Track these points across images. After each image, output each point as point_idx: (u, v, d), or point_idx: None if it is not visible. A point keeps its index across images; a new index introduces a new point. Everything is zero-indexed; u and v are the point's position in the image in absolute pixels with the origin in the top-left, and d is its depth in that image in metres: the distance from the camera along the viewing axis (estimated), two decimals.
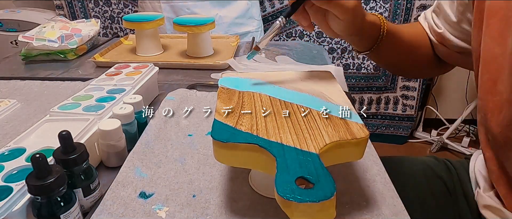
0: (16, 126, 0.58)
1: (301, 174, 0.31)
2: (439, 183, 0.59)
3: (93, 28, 1.03)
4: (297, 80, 0.50)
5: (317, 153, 0.34)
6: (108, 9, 1.60)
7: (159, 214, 0.39)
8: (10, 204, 0.35)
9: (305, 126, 0.38)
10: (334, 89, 0.47)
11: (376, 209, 0.40)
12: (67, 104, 0.55)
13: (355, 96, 1.74)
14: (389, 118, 1.78)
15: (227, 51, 0.97)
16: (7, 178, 0.39)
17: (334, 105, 0.43)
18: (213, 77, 0.81)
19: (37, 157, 0.33)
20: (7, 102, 0.64)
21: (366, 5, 1.54)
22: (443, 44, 0.56)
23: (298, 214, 0.29)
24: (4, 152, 0.43)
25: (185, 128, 0.57)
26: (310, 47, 1.04)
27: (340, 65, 1.66)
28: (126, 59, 0.91)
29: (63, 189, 0.35)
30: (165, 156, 0.49)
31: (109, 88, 0.60)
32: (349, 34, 0.49)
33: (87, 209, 0.41)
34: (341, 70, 0.82)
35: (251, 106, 0.42)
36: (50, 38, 0.90)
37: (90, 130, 0.48)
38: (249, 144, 0.35)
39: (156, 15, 0.93)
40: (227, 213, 0.40)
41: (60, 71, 0.85)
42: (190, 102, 0.65)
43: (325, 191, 0.30)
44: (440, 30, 0.55)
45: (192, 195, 0.42)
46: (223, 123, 0.39)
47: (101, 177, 0.46)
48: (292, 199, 0.29)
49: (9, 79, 0.77)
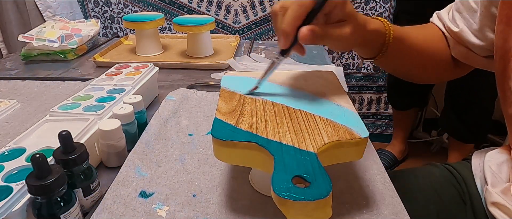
0: (16, 126, 0.58)
1: (298, 173, 0.32)
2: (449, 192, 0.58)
3: (93, 28, 1.03)
4: (300, 80, 0.50)
5: (315, 152, 0.34)
6: (108, 9, 1.60)
7: (159, 213, 0.40)
8: (10, 204, 0.35)
9: (305, 125, 0.39)
10: (336, 90, 0.47)
11: (376, 208, 0.40)
12: (67, 104, 0.55)
13: (355, 96, 1.74)
14: (389, 118, 1.78)
15: (227, 51, 0.97)
16: (7, 178, 0.39)
17: (336, 105, 0.43)
18: (213, 77, 0.81)
19: (37, 157, 0.33)
20: (7, 102, 0.64)
21: (366, 5, 1.54)
22: (461, 43, 0.54)
23: (294, 212, 0.30)
24: (4, 152, 0.43)
25: (185, 127, 0.57)
26: (310, 47, 1.04)
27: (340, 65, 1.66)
28: (126, 59, 0.91)
29: (63, 189, 0.35)
30: (165, 156, 0.50)
31: (109, 88, 0.60)
32: (350, 48, 0.48)
33: (87, 209, 0.41)
34: (341, 70, 0.82)
35: (252, 105, 0.43)
36: (50, 38, 0.90)
37: (90, 130, 0.48)
38: (248, 142, 0.35)
39: (156, 15, 0.93)
40: (227, 212, 0.40)
41: (60, 71, 0.86)
42: (190, 102, 0.65)
43: (321, 190, 0.30)
44: (456, 29, 0.53)
45: (192, 194, 0.43)
46: (223, 121, 0.39)
47: (101, 177, 0.46)
48: (287, 197, 0.29)
49: (9, 79, 0.78)
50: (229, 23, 1.60)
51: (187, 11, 1.58)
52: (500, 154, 0.54)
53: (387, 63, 0.55)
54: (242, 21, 1.59)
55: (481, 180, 0.54)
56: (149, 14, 0.96)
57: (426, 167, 0.64)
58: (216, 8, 1.57)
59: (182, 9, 1.58)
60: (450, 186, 0.58)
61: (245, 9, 1.56)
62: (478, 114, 1.38)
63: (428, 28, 0.59)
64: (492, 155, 0.54)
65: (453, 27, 0.54)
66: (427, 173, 0.62)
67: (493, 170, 0.52)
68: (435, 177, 0.60)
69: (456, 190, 0.57)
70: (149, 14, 0.96)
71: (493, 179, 0.51)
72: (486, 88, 1.26)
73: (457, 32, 0.54)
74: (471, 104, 1.36)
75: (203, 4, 1.56)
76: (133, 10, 1.60)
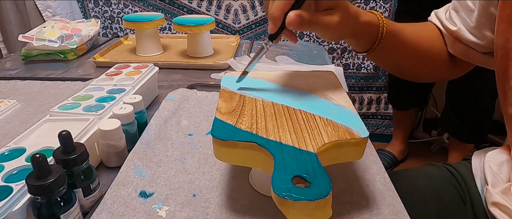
0: (16, 126, 0.58)
1: (298, 173, 0.32)
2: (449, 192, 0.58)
3: (93, 28, 1.03)
4: (300, 79, 0.50)
5: (315, 152, 0.34)
6: (108, 9, 1.60)
7: (159, 213, 0.40)
8: (10, 204, 0.35)
9: (305, 125, 0.39)
10: (336, 90, 0.47)
11: (376, 208, 0.40)
12: (67, 104, 0.55)
13: (355, 96, 1.74)
14: (389, 118, 1.78)
15: (227, 51, 0.97)
16: (7, 178, 0.39)
17: (336, 105, 0.43)
18: (213, 77, 0.81)
19: (37, 157, 0.33)
20: (7, 102, 0.64)
21: (366, 5, 1.54)
22: (460, 41, 0.54)
23: (294, 213, 0.30)
24: (4, 152, 0.43)
25: (185, 128, 0.57)
26: (310, 47, 1.04)
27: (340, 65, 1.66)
28: (126, 59, 0.91)
29: (63, 189, 0.35)
30: (166, 156, 0.50)
31: (109, 88, 0.60)
32: (341, 38, 0.48)
33: (87, 209, 0.41)
34: (341, 70, 0.82)
35: (252, 105, 0.43)
36: (50, 38, 0.90)
37: (90, 130, 0.48)
38: (248, 142, 0.35)
39: (156, 15, 0.93)
40: (227, 212, 0.40)
41: (60, 71, 0.86)
42: (190, 102, 0.65)
43: (321, 190, 0.30)
44: (454, 28, 0.53)
45: (192, 194, 0.43)
46: (223, 121, 0.39)
47: (101, 177, 0.46)
48: (287, 197, 0.29)
49: (9, 79, 0.78)
50: (229, 23, 1.60)
51: (187, 11, 1.58)
52: (500, 154, 0.54)
53: (380, 57, 0.55)
54: (242, 21, 1.59)
55: (481, 180, 0.54)
56: (149, 14, 0.96)
57: (426, 167, 0.64)
58: (216, 8, 1.57)
59: (182, 9, 1.58)
60: (450, 186, 0.58)
61: (245, 9, 1.56)
62: (479, 114, 1.38)
63: (424, 25, 0.59)
64: (493, 155, 0.54)
65: (451, 26, 0.55)
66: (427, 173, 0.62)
67: (493, 170, 0.52)
68: (435, 177, 0.60)
69: (456, 190, 0.57)
70: (149, 14, 0.96)
71: (493, 179, 0.51)
72: (486, 88, 1.26)
73: (455, 30, 0.54)
74: (472, 104, 1.36)
75: (203, 4, 1.56)
76: (133, 10, 1.60)
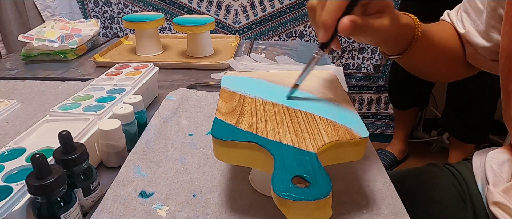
0: (16, 126, 0.58)
1: (298, 173, 0.32)
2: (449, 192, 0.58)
3: (93, 28, 1.03)
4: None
5: (315, 152, 0.34)
6: (108, 9, 1.60)
7: (159, 213, 0.40)
8: (10, 204, 0.35)
9: (305, 125, 0.39)
10: (336, 90, 0.47)
11: (376, 208, 0.40)
12: (67, 104, 0.55)
13: (355, 96, 1.74)
14: (389, 118, 1.77)
15: (227, 51, 0.97)
16: (7, 178, 0.39)
17: (336, 105, 0.43)
18: (213, 77, 0.81)
19: (37, 157, 0.33)
20: (7, 102, 0.64)
21: None
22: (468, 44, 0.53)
23: (294, 213, 0.30)
24: (4, 152, 0.43)
25: (185, 127, 0.57)
26: (310, 47, 1.04)
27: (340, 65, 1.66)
28: (126, 59, 0.91)
29: (63, 189, 0.35)
30: (166, 156, 0.50)
31: (109, 88, 0.60)
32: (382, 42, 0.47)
33: (87, 209, 0.41)
34: (341, 70, 0.82)
35: (252, 105, 0.43)
36: (50, 38, 0.90)
37: (90, 130, 0.48)
38: (248, 142, 0.35)
39: (156, 15, 0.93)
40: (227, 212, 0.40)
41: (60, 71, 0.86)
42: (190, 102, 0.65)
43: (321, 190, 0.30)
44: (463, 31, 0.53)
45: (192, 194, 0.43)
46: (223, 121, 0.39)
47: (101, 177, 0.46)
48: (287, 197, 0.29)
49: (9, 79, 0.78)
50: (229, 23, 1.60)
51: (187, 11, 1.58)
52: (501, 154, 0.54)
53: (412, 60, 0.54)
54: (242, 21, 1.59)
55: (482, 180, 0.55)
56: (149, 14, 0.96)
57: (427, 167, 0.64)
58: (216, 8, 1.57)
59: (182, 9, 1.58)
60: (450, 186, 0.58)
61: (245, 9, 1.56)
62: (480, 114, 1.38)
63: (443, 25, 0.58)
64: (494, 154, 0.54)
65: (460, 29, 0.54)
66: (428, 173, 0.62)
67: (494, 170, 0.52)
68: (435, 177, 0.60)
69: (456, 190, 0.57)
70: (149, 14, 0.96)
71: (494, 179, 0.51)
72: (487, 88, 1.26)
73: (464, 33, 0.53)
74: (473, 104, 1.36)
75: (203, 4, 1.56)
76: (133, 10, 1.59)
